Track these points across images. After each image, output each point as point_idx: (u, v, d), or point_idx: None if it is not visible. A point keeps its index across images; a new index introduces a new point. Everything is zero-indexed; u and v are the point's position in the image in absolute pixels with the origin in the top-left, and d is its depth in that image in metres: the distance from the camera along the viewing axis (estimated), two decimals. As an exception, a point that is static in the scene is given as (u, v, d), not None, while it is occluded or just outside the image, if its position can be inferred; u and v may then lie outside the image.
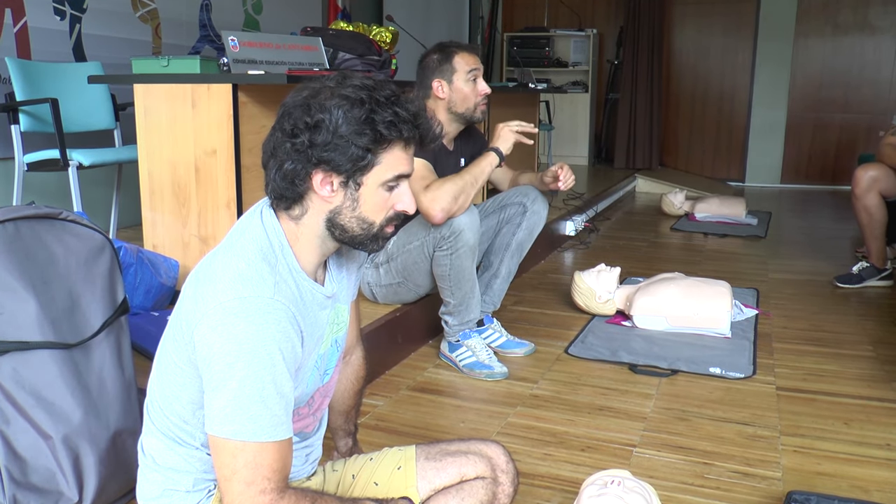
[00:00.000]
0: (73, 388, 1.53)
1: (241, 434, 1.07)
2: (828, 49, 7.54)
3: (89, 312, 1.60)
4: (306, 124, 1.13)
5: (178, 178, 2.61)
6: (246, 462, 1.07)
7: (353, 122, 1.12)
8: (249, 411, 1.07)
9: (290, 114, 1.15)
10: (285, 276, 1.16)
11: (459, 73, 2.59)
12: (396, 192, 1.20)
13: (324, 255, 1.24)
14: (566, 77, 8.03)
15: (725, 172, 8.07)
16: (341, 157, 1.13)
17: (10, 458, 1.47)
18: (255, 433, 1.07)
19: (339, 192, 1.16)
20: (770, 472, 1.97)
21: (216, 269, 1.13)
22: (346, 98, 1.13)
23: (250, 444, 1.07)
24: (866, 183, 3.61)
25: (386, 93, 1.15)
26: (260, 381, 1.07)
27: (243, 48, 2.63)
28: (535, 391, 2.49)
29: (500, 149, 2.56)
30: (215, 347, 1.07)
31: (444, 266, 2.51)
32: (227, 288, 1.09)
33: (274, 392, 1.08)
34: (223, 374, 1.07)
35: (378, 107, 1.13)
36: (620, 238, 5.09)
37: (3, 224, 1.50)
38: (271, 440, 1.08)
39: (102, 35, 3.88)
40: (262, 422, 1.07)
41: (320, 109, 1.13)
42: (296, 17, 5.30)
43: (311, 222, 1.19)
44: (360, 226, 1.19)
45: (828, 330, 3.15)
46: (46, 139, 3.22)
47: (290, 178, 1.15)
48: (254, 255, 1.14)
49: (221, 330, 1.07)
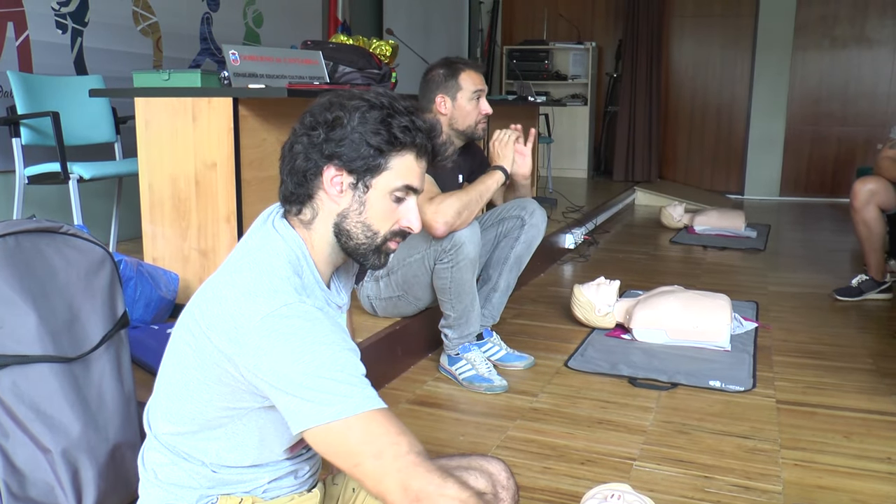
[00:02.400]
0: (72, 401, 1.52)
1: (342, 413, 1.03)
2: (826, 62, 7.57)
3: (89, 326, 1.60)
4: (325, 120, 1.17)
5: (179, 192, 2.62)
6: (360, 439, 1.03)
7: (370, 122, 1.16)
8: (338, 391, 1.04)
9: (312, 112, 1.19)
10: (312, 286, 1.18)
11: (464, 92, 2.60)
12: (403, 206, 1.21)
13: (335, 265, 1.25)
14: (565, 90, 8.06)
15: (724, 185, 8.08)
16: (353, 153, 1.15)
17: (8, 471, 1.47)
18: (357, 406, 1.04)
19: (347, 192, 1.18)
20: (770, 486, 1.96)
21: (248, 286, 1.11)
22: (366, 101, 1.17)
23: (353, 420, 1.03)
24: (865, 196, 3.61)
25: (406, 104, 1.20)
26: (334, 363, 1.06)
27: (244, 62, 2.64)
28: (535, 404, 2.49)
29: (504, 166, 2.57)
30: (276, 354, 1.05)
31: (444, 279, 2.51)
32: (270, 300, 1.08)
33: (352, 369, 1.07)
34: (294, 372, 1.04)
35: (396, 112, 1.17)
36: (620, 251, 5.10)
37: (4, 238, 1.50)
38: (374, 408, 1.05)
39: (104, 48, 3.90)
40: (355, 394, 1.05)
41: (340, 108, 1.17)
42: (296, 31, 5.33)
43: (321, 228, 1.20)
44: (365, 233, 1.20)
45: (827, 343, 3.15)
46: (47, 152, 3.23)
47: (302, 173, 1.17)
48: (283, 267, 1.14)
49: (276, 336, 1.06)
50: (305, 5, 5.60)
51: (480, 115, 2.65)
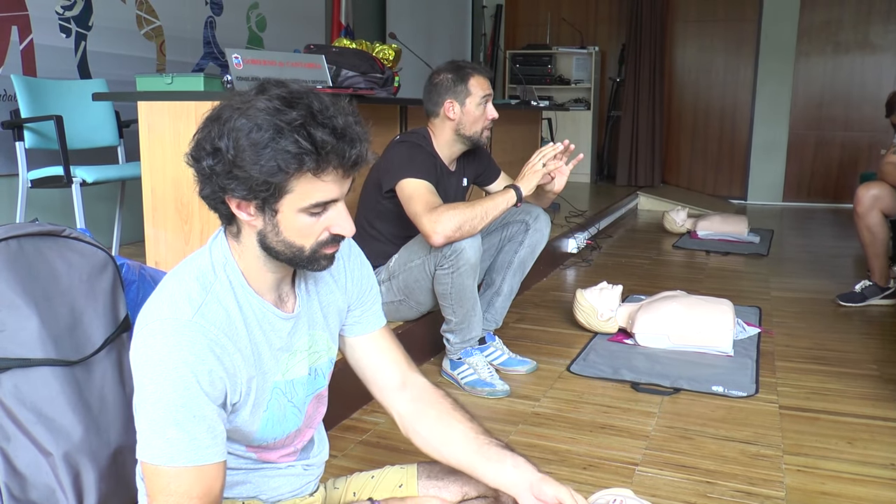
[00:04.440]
0: (74, 405, 1.52)
1: (157, 458, 1.05)
2: (829, 67, 7.57)
3: (91, 329, 1.60)
4: (206, 151, 1.06)
5: (181, 196, 2.62)
6: (160, 488, 1.05)
7: (250, 151, 1.02)
8: (165, 434, 1.04)
9: (198, 137, 1.09)
10: (223, 295, 1.12)
11: (473, 97, 2.59)
12: (326, 216, 1.11)
13: (278, 274, 1.18)
14: (568, 94, 8.07)
15: (727, 190, 8.08)
16: (241, 188, 1.05)
17: (9, 474, 1.46)
18: (173, 457, 1.04)
19: (257, 215, 1.09)
20: (773, 492, 1.96)
21: (156, 292, 1.13)
22: (248, 120, 1.03)
23: (164, 470, 1.05)
24: (868, 201, 3.61)
25: (291, 116, 1.03)
26: (171, 404, 1.04)
27: (247, 65, 2.64)
28: (537, 409, 2.49)
29: (521, 189, 2.48)
30: (137, 370, 1.07)
31: (445, 284, 2.50)
32: (154, 310, 1.09)
33: (188, 415, 1.04)
34: (140, 395, 1.06)
35: (277, 134, 1.02)
36: (622, 256, 5.09)
37: (7, 241, 1.51)
38: (189, 465, 1.05)
39: (107, 52, 3.91)
40: (179, 445, 1.04)
41: (219, 135, 1.05)
42: (299, 35, 5.34)
43: (247, 242, 1.14)
44: (290, 249, 1.12)
45: (831, 348, 3.14)
46: (50, 156, 3.24)
47: (209, 200, 1.11)
48: (188, 276, 1.12)
49: (141, 351, 1.07)
50: (308, 9, 5.61)
51: (487, 121, 2.64)
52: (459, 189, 2.79)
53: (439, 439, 1.32)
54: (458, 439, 1.30)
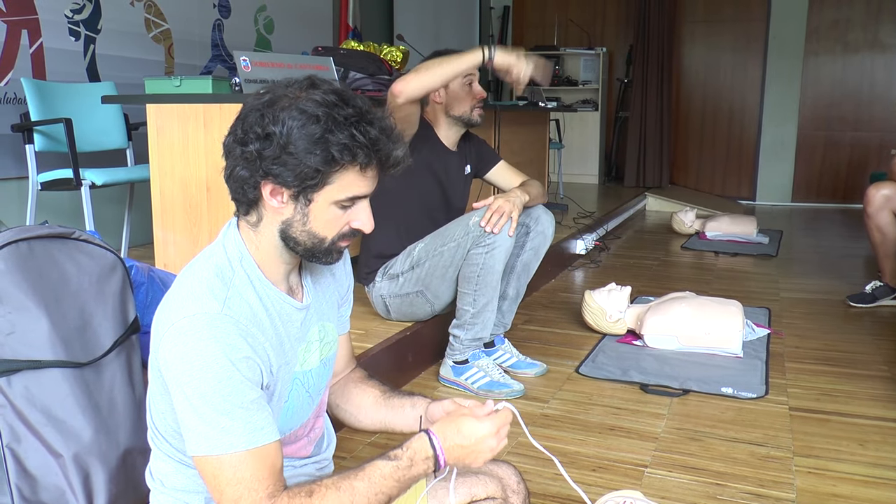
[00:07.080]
0: (83, 406, 1.53)
1: (216, 448, 1.05)
2: (838, 67, 7.54)
3: (101, 331, 1.61)
4: (257, 134, 1.09)
5: (190, 198, 2.63)
6: (227, 479, 1.06)
7: (305, 140, 1.07)
8: (219, 425, 1.05)
9: (245, 118, 1.11)
10: (243, 289, 1.13)
11: (456, 78, 2.60)
12: (352, 210, 1.15)
13: (290, 265, 1.21)
14: (576, 95, 8.06)
15: (736, 190, 8.05)
16: (289, 174, 1.08)
17: (20, 475, 1.47)
18: (232, 444, 1.05)
19: (289, 203, 1.12)
20: (784, 494, 1.95)
21: (174, 291, 1.13)
22: (303, 112, 1.07)
23: (227, 458, 1.05)
24: (879, 201, 3.59)
25: (347, 111, 1.09)
26: (217, 395, 1.05)
27: (255, 68, 2.65)
28: (546, 410, 2.48)
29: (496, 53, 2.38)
30: (174, 369, 1.07)
31: (475, 266, 2.49)
32: (180, 308, 1.09)
33: (236, 403, 1.06)
34: (184, 393, 1.06)
35: (335, 126, 1.07)
36: (631, 257, 5.08)
37: (17, 243, 1.51)
38: (250, 447, 1.06)
39: (116, 55, 3.93)
40: (235, 432, 1.05)
41: (273, 121, 1.08)
42: (307, 37, 5.35)
43: (267, 232, 1.16)
44: (312, 240, 1.15)
45: (841, 349, 3.12)
46: (60, 159, 3.25)
47: (241, 182, 1.13)
48: (208, 272, 1.13)
49: (175, 351, 1.06)
50: (316, 12, 5.62)
51: (475, 100, 2.66)
52: (462, 177, 2.81)
53: (355, 408, 1.43)
54: (368, 403, 1.42)
